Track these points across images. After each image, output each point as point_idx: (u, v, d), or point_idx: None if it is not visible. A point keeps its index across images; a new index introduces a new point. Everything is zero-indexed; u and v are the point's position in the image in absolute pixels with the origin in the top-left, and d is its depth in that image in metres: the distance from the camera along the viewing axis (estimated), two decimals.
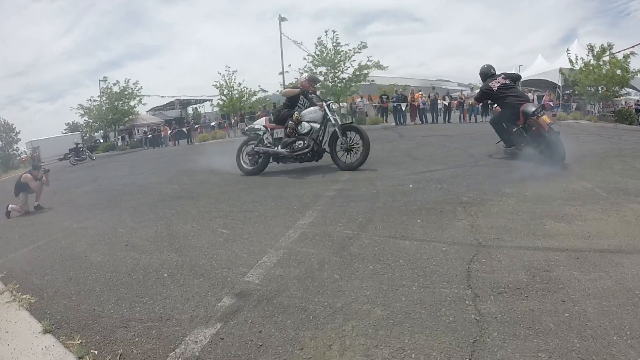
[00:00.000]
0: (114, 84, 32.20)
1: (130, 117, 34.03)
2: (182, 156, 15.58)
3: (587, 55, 20.19)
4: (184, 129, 28.63)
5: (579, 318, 2.15)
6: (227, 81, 27.56)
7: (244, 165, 8.12)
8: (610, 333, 2.00)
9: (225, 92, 27.66)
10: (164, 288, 3.15)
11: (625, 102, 24.98)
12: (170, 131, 28.56)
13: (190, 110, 48.14)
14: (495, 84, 7.31)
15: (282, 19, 27.53)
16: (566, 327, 2.07)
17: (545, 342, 1.97)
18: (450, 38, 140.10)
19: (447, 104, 21.86)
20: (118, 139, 36.63)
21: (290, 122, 7.35)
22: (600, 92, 20.29)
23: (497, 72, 7.76)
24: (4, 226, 7.32)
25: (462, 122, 21.16)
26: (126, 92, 31.91)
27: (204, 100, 44.98)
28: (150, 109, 46.42)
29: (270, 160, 7.91)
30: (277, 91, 27.40)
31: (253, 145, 7.98)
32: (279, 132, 7.68)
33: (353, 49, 22.90)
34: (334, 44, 23.06)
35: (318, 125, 7.41)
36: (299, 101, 7.75)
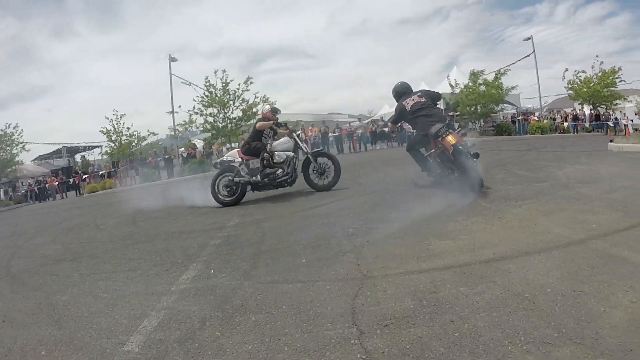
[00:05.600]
0: None
1: (13, 167, 30.94)
2: (69, 210, 14.89)
3: (468, 80, 23.71)
4: (71, 180, 27.39)
5: (470, 335, 2.15)
6: (115, 126, 26.45)
7: (221, 197, 8.45)
8: (504, 343, 2.02)
9: (113, 138, 26.45)
10: None
11: (503, 116, 28.31)
12: (57, 182, 27.08)
13: (78, 158, 46.39)
14: (409, 102, 6.55)
15: (172, 59, 27.57)
16: (457, 348, 2.06)
17: None
18: (343, 71, 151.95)
19: (336, 135, 23.79)
20: (0, 193, 33.17)
21: (265, 154, 8.02)
22: (479, 110, 23.33)
23: (415, 90, 7.04)
24: None
25: (352, 151, 23.09)
26: (5, 139, 28.88)
27: (93, 147, 43.27)
28: (36, 158, 44.08)
29: (248, 189, 8.41)
30: (252, 125, 27.34)
31: (230, 177, 8.37)
32: (255, 163, 8.27)
33: (240, 85, 23.50)
34: (223, 83, 23.44)
35: (292, 154, 8.24)
36: (264, 132, 8.41)
